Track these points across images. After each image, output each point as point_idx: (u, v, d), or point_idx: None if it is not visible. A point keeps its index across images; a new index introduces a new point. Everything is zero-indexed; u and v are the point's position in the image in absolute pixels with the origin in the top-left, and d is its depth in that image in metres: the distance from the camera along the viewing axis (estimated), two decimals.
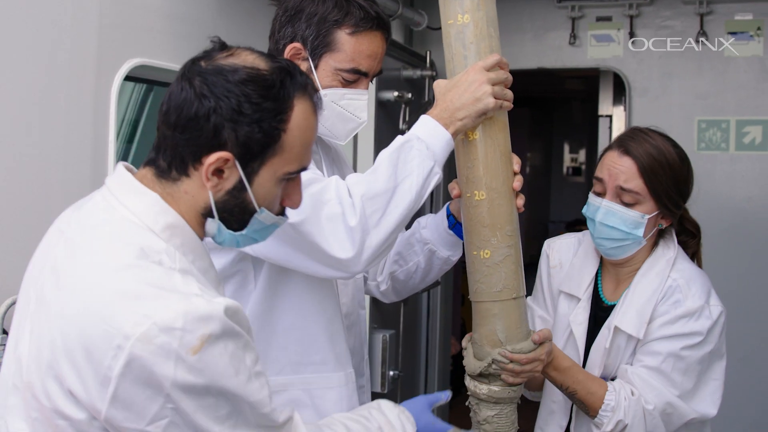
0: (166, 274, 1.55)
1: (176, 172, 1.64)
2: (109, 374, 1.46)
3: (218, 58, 1.65)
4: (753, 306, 4.76)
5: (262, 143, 1.62)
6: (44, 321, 1.56)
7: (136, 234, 1.59)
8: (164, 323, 1.46)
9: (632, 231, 2.44)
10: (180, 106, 1.60)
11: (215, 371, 1.51)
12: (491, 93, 2.13)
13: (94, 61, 2.79)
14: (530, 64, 5.28)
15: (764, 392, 4.80)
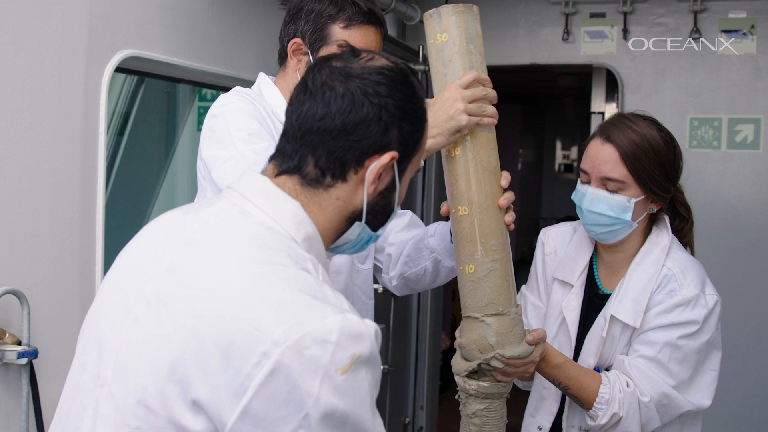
0: (317, 284, 1.48)
1: (331, 179, 1.60)
2: (248, 383, 1.36)
3: (363, 60, 1.64)
4: (743, 302, 4.77)
5: (416, 140, 1.66)
6: (167, 322, 1.46)
7: (280, 240, 1.54)
8: (319, 335, 1.38)
9: (620, 216, 2.44)
10: (345, 110, 1.57)
11: (356, 396, 1.42)
12: (464, 110, 2.14)
13: (84, 52, 2.77)
14: (523, 60, 5.29)
15: (753, 387, 4.82)
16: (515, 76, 7.94)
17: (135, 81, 3.80)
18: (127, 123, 3.84)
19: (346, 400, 1.40)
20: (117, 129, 3.77)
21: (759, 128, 4.82)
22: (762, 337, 4.81)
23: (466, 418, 2.34)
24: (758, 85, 4.82)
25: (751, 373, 4.81)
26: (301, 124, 1.60)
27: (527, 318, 2.71)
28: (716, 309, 2.46)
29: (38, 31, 2.61)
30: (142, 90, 3.87)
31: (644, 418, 2.41)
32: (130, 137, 3.82)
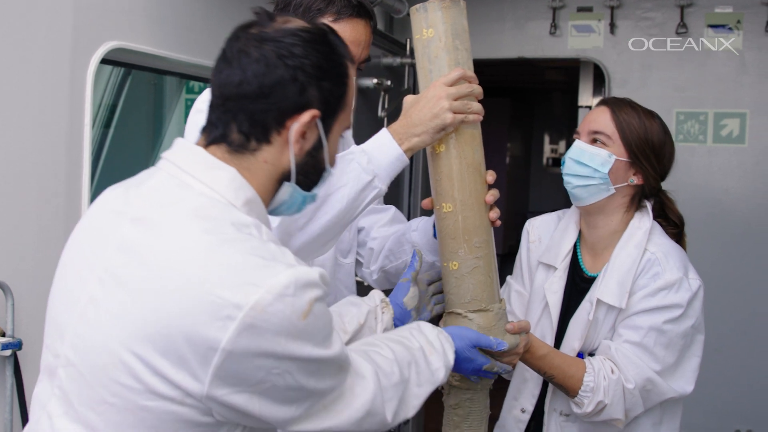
0: (263, 244, 1.56)
1: (256, 142, 1.64)
2: (215, 346, 1.45)
3: (278, 24, 1.66)
4: (729, 296, 4.79)
5: (338, 97, 1.69)
6: (126, 301, 1.52)
7: (221, 209, 1.59)
8: (276, 291, 1.48)
9: (598, 168, 2.49)
10: (260, 73, 1.60)
11: (320, 332, 1.56)
12: (449, 108, 2.14)
13: (69, 44, 2.77)
14: (510, 54, 5.29)
15: (736, 380, 4.84)
16: (503, 69, 7.94)
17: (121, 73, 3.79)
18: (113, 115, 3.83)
19: (310, 338, 1.53)
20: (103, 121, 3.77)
21: (744, 123, 4.84)
22: (747, 330, 4.83)
23: (449, 408, 2.35)
24: (744, 79, 4.84)
25: (736, 365, 4.83)
26: (221, 92, 1.64)
27: (510, 305, 2.73)
28: (699, 293, 2.49)
29: (23, 23, 2.61)
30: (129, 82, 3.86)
31: (628, 405, 2.43)
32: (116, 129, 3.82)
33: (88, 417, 1.55)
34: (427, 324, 2.08)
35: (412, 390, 1.89)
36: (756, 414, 4.84)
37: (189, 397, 1.49)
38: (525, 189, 10.31)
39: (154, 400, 1.50)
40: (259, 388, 1.51)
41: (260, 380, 1.50)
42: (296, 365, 1.53)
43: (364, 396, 1.73)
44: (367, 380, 1.75)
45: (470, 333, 2.15)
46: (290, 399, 1.57)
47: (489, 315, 2.23)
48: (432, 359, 1.96)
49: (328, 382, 1.63)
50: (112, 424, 1.53)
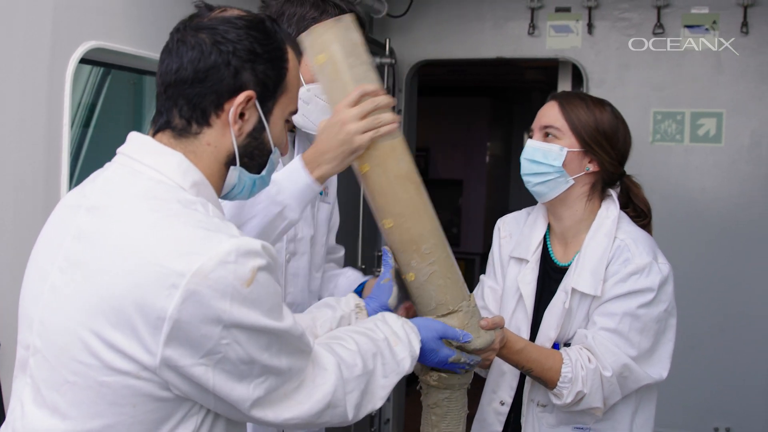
0: (207, 218, 1.62)
1: (197, 126, 1.72)
2: (163, 315, 1.50)
3: (214, 14, 1.75)
4: (705, 295, 4.83)
5: (276, 81, 1.76)
6: (80, 282, 1.58)
7: (168, 190, 1.66)
8: (218, 258, 1.53)
9: (552, 162, 2.54)
10: (194, 59, 1.69)
11: (266, 301, 1.60)
12: (356, 131, 2.14)
13: (48, 44, 2.76)
14: (489, 54, 5.31)
15: (714, 378, 4.87)
16: (483, 69, 7.96)
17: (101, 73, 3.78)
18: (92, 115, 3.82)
19: (256, 306, 1.58)
20: (82, 121, 3.75)
21: (721, 122, 4.88)
22: (724, 328, 4.86)
23: (427, 408, 2.35)
24: (720, 79, 4.87)
25: (713, 363, 4.86)
26: (162, 81, 1.73)
27: (484, 301, 2.77)
28: (669, 277, 2.53)
29: (2, 22, 2.60)
30: (108, 82, 3.85)
31: (606, 393, 2.47)
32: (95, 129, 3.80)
33: (53, 399, 1.61)
34: (392, 314, 2.11)
35: (377, 381, 1.93)
36: (735, 412, 4.88)
37: (145, 371, 1.54)
38: (505, 188, 10.33)
39: (112, 375, 1.54)
40: (212, 360, 1.55)
41: (211, 350, 1.54)
42: (245, 335, 1.57)
43: (325, 387, 1.77)
44: (328, 372, 1.79)
45: (437, 324, 2.16)
46: (244, 374, 1.60)
47: (459, 315, 2.23)
48: (397, 349, 1.99)
49: (284, 360, 1.67)
50: (74, 403, 1.58)
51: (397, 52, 5.31)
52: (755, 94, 4.83)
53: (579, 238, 2.61)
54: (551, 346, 2.54)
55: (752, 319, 4.84)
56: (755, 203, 4.86)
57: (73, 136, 3.17)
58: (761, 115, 4.83)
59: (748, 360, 4.85)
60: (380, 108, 2.18)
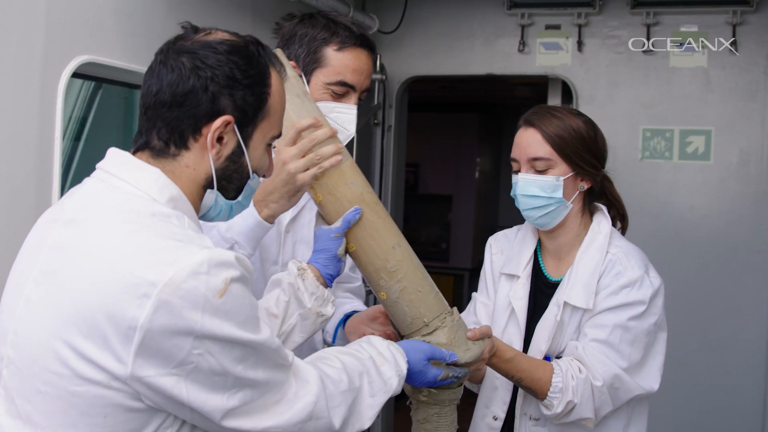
0: (181, 230, 1.63)
1: (175, 148, 1.72)
2: (134, 325, 1.50)
3: (198, 37, 1.75)
4: (693, 311, 4.84)
5: (255, 107, 1.75)
6: (53, 293, 1.59)
7: (144, 204, 1.66)
8: (191, 268, 1.53)
9: (551, 195, 2.53)
10: (173, 82, 1.69)
11: (239, 312, 1.59)
12: (296, 170, 2.16)
13: (40, 58, 2.77)
14: (479, 70, 5.33)
15: (700, 396, 4.89)
16: (473, 85, 7.98)
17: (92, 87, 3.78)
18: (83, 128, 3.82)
19: (229, 317, 1.57)
20: (73, 134, 3.75)
21: (710, 140, 4.90)
22: (712, 344, 4.87)
23: (417, 423, 2.35)
24: (709, 97, 4.90)
25: (697, 379, 4.87)
26: (144, 102, 1.73)
27: (477, 317, 2.77)
28: (660, 291, 2.54)
29: None
30: (99, 95, 3.85)
31: (597, 403, 2.46)
32: (86, 143, 3.80)
33: (26, 410, 1.61)
34: (377, 337, 2.11)
35: (365, 400, 1.93)
36: (722, 427, 4.88)
37: (115, 380, 1.53)
38: (494, 203, 10.34)
39: (83, 385, 1.54)
40: (184, 370, 1.54)
41: (182, 361, 1.54)
42: (218, 346, 1.56)
43: (306, 399, 1.76)
44: (310, 384, 1.79)
45: (423, 346, 2.16)
46: (217, 385, 1.59)
47: (445, 331, 2.23)
48: (383, 369, 1.99)
49: (260, 373, 1.66)
50: (46, 413, 1.58)
51: (388, 67, 5.33)
52: (744, 112, 4.85)
53: (572, 253, 2.62)
54: (542, 358, 2.54)
55: (741, 336, 4.85)
56: (744, 221, 4.88)
57: (64, 150, 3.16)
58: (750, 133, 4.85)
59: (737, 377, 4.85)
60: (317, 142, 2.17)
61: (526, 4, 5.17)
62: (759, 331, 4.82)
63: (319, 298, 2.17)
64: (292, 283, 2.16)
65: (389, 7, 5.24)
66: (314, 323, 2.18)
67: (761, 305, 4.82)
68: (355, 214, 2.17)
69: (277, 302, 2.14)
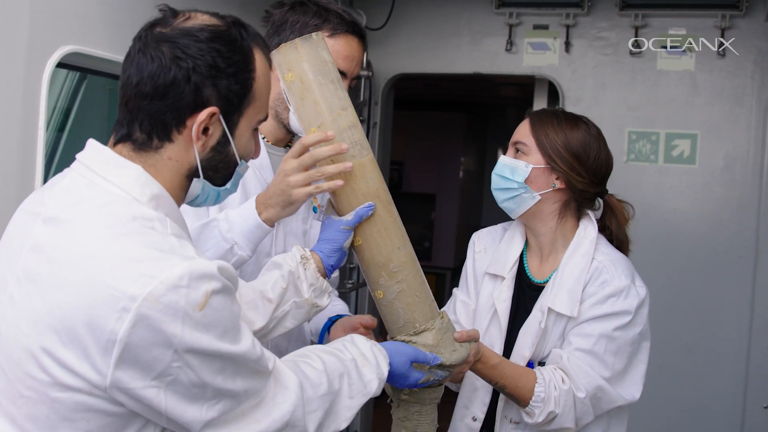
0: (163, 238, 1.60)
1: (158, 140, 1.68)
2: (113, 338, 1.48)
3: (177, 23, 1.70)
4: (675, 314, 4.85)
5: (240, 94, 1.72)
6: (34, 296, 1.57)
7: (125, 205, 1.62)
8: (170, 282, 1.50)
9: (516, 178, 2.55)
10: (154, 74, 1.65)
11: (219, 325, 1.57)
12: (295, 184, 2.18)
13: (24, 48, 2.74)
14: (466, 69, 5.32)
15: (682, 398, 4.90)
16: (458, 84, 7.97)
17: (77, 77, 3.76)
18: (67, 119, 3.79)
19: (209, 330, 1.55)
20: (57, 125, 3.73)
21: (695, 143, 4.91)
22: (693, 349, 4.89)
23: (397, 421, 2.35)
24: (695, 101, 4.90)
25: (681, 384, 4.88)
26: (124, 92, 1.69)
27: (456, 315, 2.76)
28: (646, 300, 2.54)
29: None
30: (84, 86, 3.82)
31: (579, 414, 2.47)
32: (70, 134, 3.78)
33: (10, 411, 1.61)
34: (361, 336, 2.09)
35: (343, 401, 1.91)
36: (701, 431, 4.89)
37: (96, 389, 1.52)
38: (478, 203, 10.35)
39: (63, 392, 1.53)
40: (163, 382, 1.53)
41: (162, 373, 1.52)
42: (197, 359, 1.55)
43: (284, 407, 1.75)
44: (289, 391, 1.77)
45: (407, 349, 2.14)
46: (196, 396, 1.58)
47: (432, 332, 2.22)
48: (364, 371, 1.98)
49: (239, 383, 1.64)
50: (30, 418, 1.58)
51: (374, 64, 5.32)
52: (730, 116, 4.86)
53: (556, 255, 2.62)
54: (525, 364, 2.54)
55: (721, 341, 4.87)
56: (728, 225, 4.89)
57: (47, 140, 3.14)
58: (736, 138, 4.86)
59: (717, 381, 4.87)
60: (321, 160, 2.15)
61: (515, 3, 5.17)
62: (739, 336, 4.83)
63: (317, 289, 2.16)
64: (292, 270, 2.14)
65: (377, 4, 5.23)
66: (308, 312, 2.18)
67: (742, 310, 4.84)
68: (368, 210, 2.16)
69: (274, 286, 2.12)
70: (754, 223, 4.84)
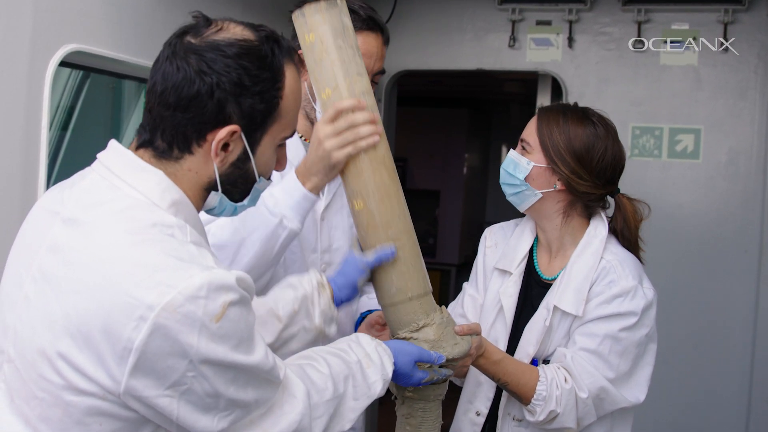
0: (182, 246, 1.59)
1: (178, 151, 1.67)
2: (129, 346, 1.48)
3: (208, 33, 1.67)
4: (680, 309, 4.84)
5: (264, 113, 1.70)
6: (50, 298, 1.56)
7: (145, 210, 1.62)
8: (189, 292, 1.50)
9: (516, 174, 2.56)
10: (179, 85, 1.63)
11: (234, 336, 1.56)
12: (332, 148, 2.17)
13: (28, 46, 2.74)
14: (469, 65, 5.31)
15: (688, 393, 4.89)
16: (462, 80, 7.96)
17: (80, 76, 3.76)
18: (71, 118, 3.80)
19: (225, 341, 1.55)
20: (60, 124, 3.73)
21: (699, 138, 4.90)
22: (698, 344, 4.88)
23: (401, 418, 2.35)
24: (699, 95, 4.89)
25: (686, 379, 4.87)
26: (149, 99, 1.67)
27: (463, 309, 2.77)
28: (654, 303, 2.53)
29: None
30: (87, 85, 3.83)
31: (581, 414, 2.47)
32: (73, 132, 3.78)
33: (24, 411, 1.60)
34: (366, 336, 2.09)
35: (347, 403, 1.92)
36: (706, 426, 4.89)
37: (109, 394, 1.52)
38: (482, 199, 10.35)
39: (77, 395, 1.53)
40: (177, 391, 1.53)
41: (176, 382, 1.52)
42: (212, 369, 1.55)
43: (291, 416, 1.75)
44: (297, 399, 1.77)
45: (411, 348, 2.14)
46: (209, 407, 1.58)
47: (433, 327, 2.22)
48: (369, 372, 1.98)
49: (251, 393, 1.65)
50: (43, 419, 1.58)
51: None
52: (733, 111, 4.85)
53: (564, 252, 2.61)
54: (530, 362, 2.53)
55: (726, 335, 4.85)
56: (732, 219, 4.88)
57: (51, 139, 3.14)
58: (739, 132, 4.85)
59: (722, 376, 4.86)
60: (355, 125, 2.16)
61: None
62: (744, 331, 4.82)
63: (328, 319, 2.16)
64: (307, 295, 2.14)
65: (379, 0, 5.22)
66: (315, 338, 2.17)
67: (747, 305, 4.83)
68: (389, 254, 2.18)
69: (284, 307, 2.11)
70: (759, 217, 4.83)
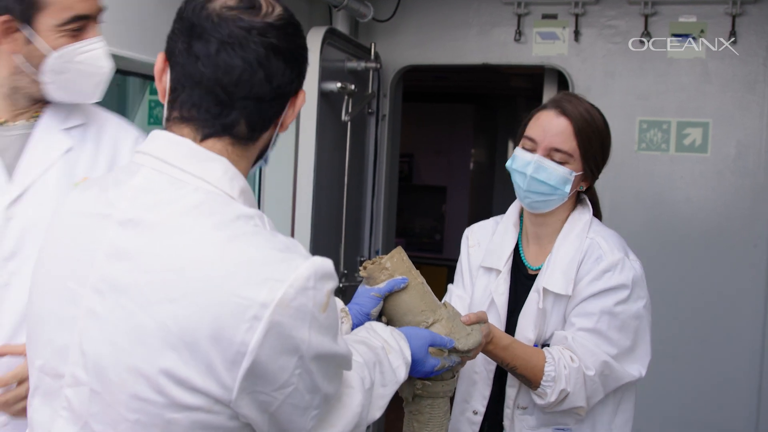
0: (274, 236, 1.50)
1: (260, 133, 1.59)
2: (243, 350, 1.38)
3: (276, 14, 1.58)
4: (687, 303, 4.83)
5: None
6: (133, 310, 1.43)
7: (222, 202, 1.51)
8: (299, 285, 1.42)
9: (561, 186, 2.51)
10: (272, 76, 1.55)
11: (334, 325, 1.52)
12: None
13: None
14: (475, 60, 5.30)
15: (694, 390, 4.87)
16: (468, 75, 7.96)
17: None
18: None
19: (329, 332, 1.49)
20: None
21: (707, 132, 4.88)
22: (707, 338, 4.86)
23: (409, 414, 2.34)
24: (707, 89, 4.87)
25: (695, 374, 4.86)
26: (222, 86, 1.53)
27: None
28: (643, 273, 2.54)
29: None
30: None
31: (589, 392, 2.46)
32: None
33: None
34: (379, 323, 2.06)
35: (377, 391, 1.84)
36: (710, 422, 4.87)
37: (217, 404, 1.42)
38: (489, 194, 10.33)
39: (180, 412, 1.42)
40: (283, 393, 1.45)
41: (284, 383, 1.44)
42: (316, 363, 1.48)
43: (353, 408, 1.70)
44: (354, 390, 1.72)
45: (423, 332, 2.11)
46: (307, 405, 1.51)
47: (442, 323, 2.22)
48: (392, 358, 1.92)
49: (335, 383, 1.60)
50: None
51: (383, 56, 5.29)
52: (742, 104, 4.83)
53: (552, 239, 2.62)
54: None
55: (735, 330, 4.84)
56: (740, 213, 4.86)
57: None
58: (748, 126, 4.83)
59: (731, 371, 4.84)
60: None
61: None
62: (753, 325, 4.80)
63: None
64: None
65: None
66: None
67: (756, 299, 4.81)
68: (401, 282, 2.18)
69: None
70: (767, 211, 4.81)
